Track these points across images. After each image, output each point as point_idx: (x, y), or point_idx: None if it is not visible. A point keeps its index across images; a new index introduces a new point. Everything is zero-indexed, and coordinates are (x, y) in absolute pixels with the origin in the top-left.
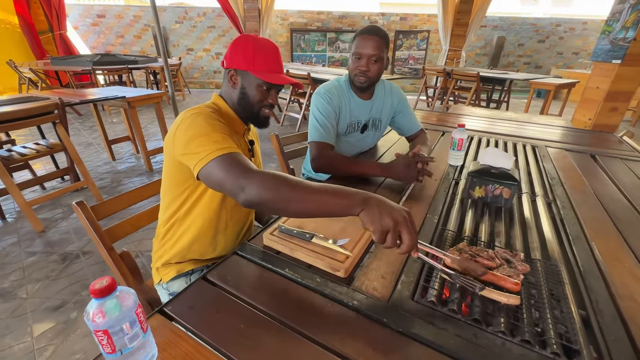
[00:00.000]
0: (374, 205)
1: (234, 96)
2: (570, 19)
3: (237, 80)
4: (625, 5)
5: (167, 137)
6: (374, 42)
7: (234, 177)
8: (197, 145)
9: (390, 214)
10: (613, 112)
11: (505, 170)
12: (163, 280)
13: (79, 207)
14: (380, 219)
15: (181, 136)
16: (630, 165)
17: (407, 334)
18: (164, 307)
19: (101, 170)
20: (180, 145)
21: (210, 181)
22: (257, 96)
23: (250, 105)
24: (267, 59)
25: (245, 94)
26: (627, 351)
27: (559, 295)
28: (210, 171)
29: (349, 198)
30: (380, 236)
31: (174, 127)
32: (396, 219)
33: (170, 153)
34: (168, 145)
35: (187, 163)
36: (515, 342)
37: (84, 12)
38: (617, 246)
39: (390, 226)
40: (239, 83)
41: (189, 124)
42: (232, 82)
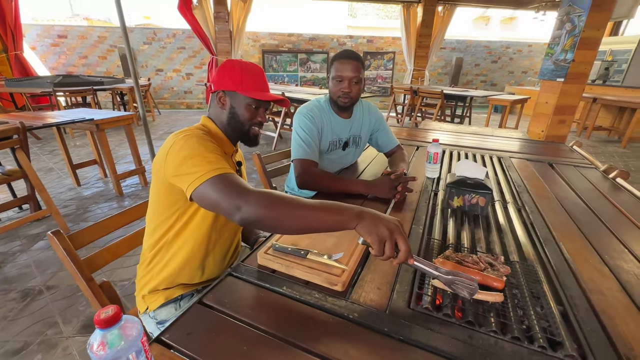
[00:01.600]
0: (368, 218)
1: (223, 117)
2: (517, 42)
3: (226, 102)
4: (563, 31)
5: (156, 160)
6: (353, 65)
7: (230, 196)
8: (191, 166)
9: (386, 224)
10: (561, 124)
11: (480, 180)
12: (150, 308)
13: (55, 236)
14: (377, 230)
15: (173, 158)
16: (582, 172)
17: (408, 341)
18: (161, 336)
19: (65, 197)
20: (172, 167)
21: (204, 201)
22: (247, 115)
23: (241, 125)
24: (254, 79)
25: (234, 114)
26: (602, 340)
27: (538, 293)
28: (205, 191)
29: (344, 213)
30: (379, 246)
31: (165, 149)
32: (391, 228)
33: (160, 175)
34: (158, 167)
35: (179, 184)
36: (506, 340)
37: (42, 32)
38: (581, 245)
39: (387, 235)
40: (228, 104)
41: (182, 145)
42: (220, 104)
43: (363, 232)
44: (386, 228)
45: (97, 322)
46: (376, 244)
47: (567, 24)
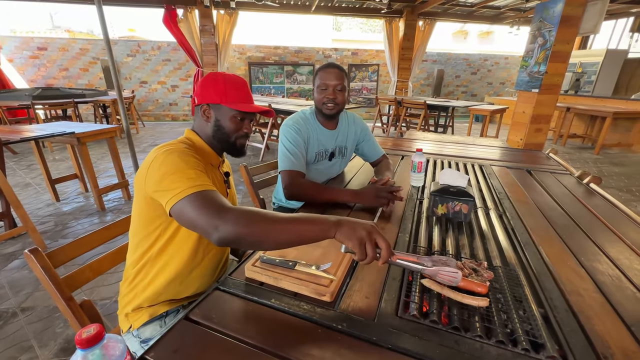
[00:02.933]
0: (345, 224)
1: (208, 130)
2: (494, 55)
3: (211, 114)
4: (535, 45)
5: (137, 174)
6: (336, 73)
7: (207, 215)
8: (170, 182)
9: (362, 227)
10: (538, 132)
11: (462, 188)
12: (133, 327)
13: (32, 254)
14: (355, 234)
15: (154, 173)
16: (558, 178)
17: (396, 350)
18: (145, 355)
19: (42, 213)
20: (153, 182)
21: (182, 219)
22: (232, 127)
23: (227, 136)
24: (238, 91)
25: (219, 126)
26: (581, 340)
27: (520, 297)
28: (183, 209)
29: (323, 223)
30: (360, 249)
31: (147, 164)
32: (368, 229)
33: (141, 190)
34: (139, 182)
35: (159, 200)
36: (491, 344)
37: (21, 44)
38: (559, 248)
39: (365, 236)
40: (213, 116)
41: (162, 160)
42: (205, 117)
43: (343, 239)
44: (364, 230)
45: (78, 342)
46: (357, 247)
47: (539, 38)
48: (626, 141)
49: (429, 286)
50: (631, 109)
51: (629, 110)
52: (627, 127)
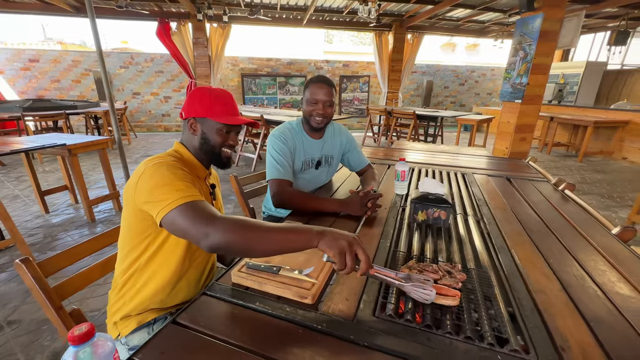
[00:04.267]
0: (328, 235)
1: (195, 143)
2: (481, 67)
3: (197, 128)
4: (517, 58)
5: (127, 186)
6: (326, 90)
7: (198, 224)
8: (160, 194)
9: (344, 238)
10: (523, 141)
11: (440, 195)
12: (122, 334)
13: (23, 264)
14: (337, 244)
15: (144, 185)
16: (535, 185)
17: (372, 347)
18: (134, 357)
19: (31, 225)
20: (143, 194)
21: (173, 228)
22: (218, 139)
23: (212, 149)
24: (224, 105)
25: (206, 139)
26: (543, 335)
27: (490, 296)
28: (174, 219)
29: (307, 232)
30: (340, 259)
31: (136, 176)
32: (349, 241)
33: (130, 202)
34: (128, 194)
35: (149, 211)
36: (460, 340)
37: (12, 56)
38: (531, 252)
39: (346, 247)
40: (199, 130)
41: (152, 173)
42: (192, 130)
43: (325, 248)
44: (345, 241)
45: (70, 339)
46: (337, 257)
47: (520, 51)
48: (607, 149)
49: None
50: (610, 118)
51: (608, 120)
52: (608, 136)
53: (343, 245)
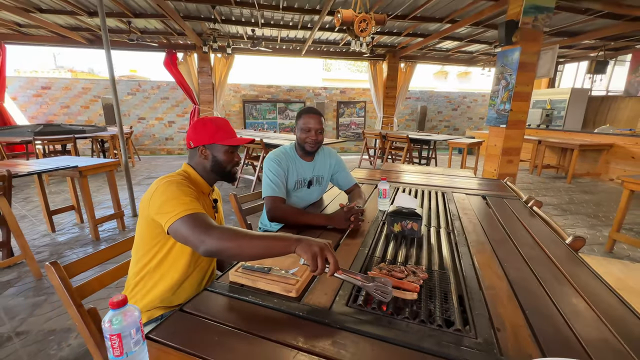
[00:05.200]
0: (304, 241)
1: (207, 166)
2: (472, 93)
3: (208, 154)
4: (500, 87)
5: (142, 200)
6: (317, 119)
7: (197, 232)
8: (169, 206)
9: (317, 244)
10: (510, 163)
11: (413, 209)
12: None
13: (52, 266)
14: (310, 249)
15: (157, 199)
16: (508, 202)
17: (343, 328)
18: (149, 334)
19: (38, 243)
20: (155, 206)
21: (177, 235)
22: (227, 159)
23: (223, 168)
24: (226, 130)
25: (217, 161)
26: (485, 319)
27: (447, 292)
28: (178, 227)
29: (287, 239)
30: (313, 262)
31: (150, 192)
32: (321, 246)
33: (145, 213)
34: (143, 206)
35: (159, 221)
36: (415, 323)
37: (26, 84)
38: (489, 258)
39: (318, 252)
40: (210, 155)
41: (164, 189)
42: (203, 156)
43: (300, 252)
44: (317, 247)
45: (111, 304)
46: (310, 260)
47: (502, 80)
48: (594, 171)
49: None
50: (595, 141)
51: (593, 143)
52: (594, 158)
53: (315, 250)
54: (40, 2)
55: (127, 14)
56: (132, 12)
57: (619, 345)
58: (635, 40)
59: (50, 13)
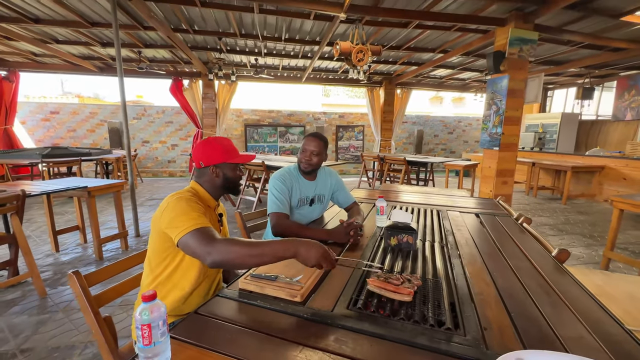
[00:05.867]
0: (303, 251)
1: (217, 183)
2: (467, 117)
3: (219, 173)
4: (491, 111)
5: (155, 215)
6: (316, 142)
7: (203, 244)
8: (179, 221)
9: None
10: (504, 184)
11: (408, 223)
12: None
13: (74, 275)
14: (308, 261)
15: (168, 214)
16: (499, 219)
17: (344, 327)
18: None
19: (41, 262)
20: (166, 221)
21: (186, 248)
22: (235, 175)
23: (233, 183)
24: (233, 150)
25: (228, 178)
26: (473, 320)
27: (439, 297)
28: (187, 241)
29: (287, 244)
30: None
31: (162, 207)
32: (317, 257)
33: (157, 227)
34: (156, 221)
35: (170, 234)
36: (409, 323)
37: (35, 109)
38: (480, 268)
39: (314, 263)
40: (221, 173)
41: (174, 205)
42: (214, 174)
43: (301, 261)
44: (315, 258)
45: (143, 297)
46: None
47: (493, 106)
48: (588, 192)
49: (372, 289)
50: (587, 163)
51: (585, 165)
52: (588, 180)
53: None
54: (57, 33)
55: (138, 44)
56: (143, 43)
57: (594, 342)
58: (618, 69)
59: (66, 44)
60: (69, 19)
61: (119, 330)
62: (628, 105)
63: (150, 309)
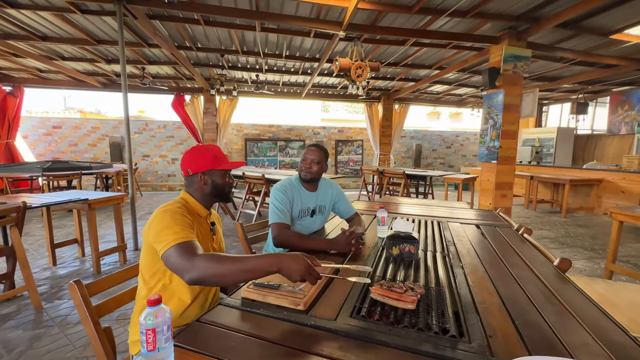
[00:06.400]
0: (286, 265)
1: (206, 191)
2: (464, 132)
3: (207, 180)
4: (488, 126)
5: (145, 228)
6: (316, 152)
7: (184, 261)
8: (163, 235)
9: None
10: (504, 197)
11: (409, 233)
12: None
13: (75, 285)
14: (292, 276)
15: (154, 227)
16: (500, 230)
17: (348, 335)
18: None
19: (38, 276)
20: (152, 235)
21: (168, 263)
22: (224, 182)
23: (222, 190)
24: (221, 156)
25: (217, 185)
26: (478, 328)
27: (442, 306)
28: (168, 256)
29: (272, 258)
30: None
31: (151, 220)
32: (301, 270)
33: (146, 240)
34: (145, 234)
35: (156, 248)
36: (413, 331)
37: (38, 123)
38: (482, 277)
39: (298, 279)
40: (209, 180)
41: (160, 219)
42: (202, 182)
43: (285, 276)
44: (298, 274)
45: (148, 302)
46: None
47: (490, 120)
48: (587, 205)
49: (375, 297)
50: (585, 177)
51: (583, 178)
52: (586, 193)
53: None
54: (64, 50)
55: (142, 61)
56: (147, 59)
57: (599, 349)
58: (610, 84)
59: (71, 60)
60: (76, 37)
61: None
62: (622, 119)
63: (155, 313)
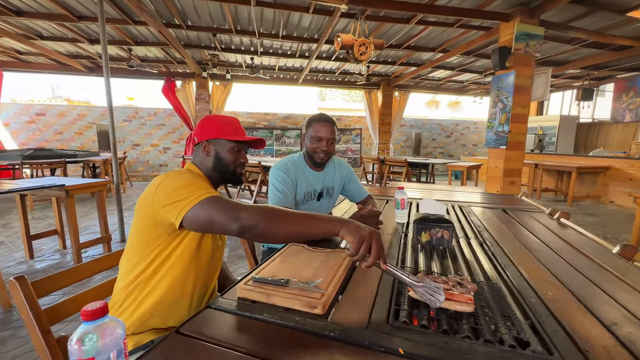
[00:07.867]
0: (352, 224)
1: (208, 163)
2: (464, 120)
3: (210, 149)
4: (497, 109)
5: (142, 198)
6: (329, 128)
7: (226, 211)
8: (184, 193)
9: (366, 229)
10: (512, 184)
11: (441, 215)
12: None
13: (17, 282)
14: (358, 232)
15: (165, 189)
16: (532, 215)
17: (389, 351)
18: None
19: (12, 271)
20: (163, 197)
21: (197, 220)
22: (231, 158)
23: (226, 167)
24: (233, 126)
25: (219, 158)
26: (563, 338)
27: (503, 305)
28: (198, 212)
29: (331, 220)
30: (357, 246)
31: (155, 185)
32: (370, 232)
33: (146, 211)
34: (144, 204)
35: (168, 213)
36: (479, 344)
37: (20, 110)
38: (537, 268)
39: (365, 237)
40: (213, 151)
41: (175, 178)
42: (205, 152)
43: (346, 234)
44: (366, 232)
45: (83, 314)
46: (355, 243)
47: (499, 103)
48: (594, 193)
49: (414, 296)
50: (592, 164)
51: (590, 165)
52: (592, 181)
53: (363, 234)
54: (42, 29)
55: (128, 41)
56: (133, 40)
57: None
58: (616, 70)
59: (51, 40)
60: (54, 12)
61: None
62: (626, 106)
63: (97, 333)
